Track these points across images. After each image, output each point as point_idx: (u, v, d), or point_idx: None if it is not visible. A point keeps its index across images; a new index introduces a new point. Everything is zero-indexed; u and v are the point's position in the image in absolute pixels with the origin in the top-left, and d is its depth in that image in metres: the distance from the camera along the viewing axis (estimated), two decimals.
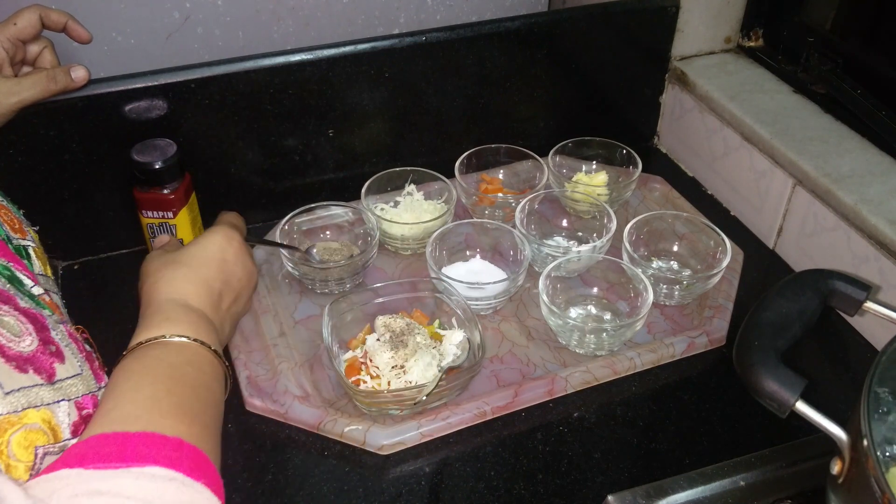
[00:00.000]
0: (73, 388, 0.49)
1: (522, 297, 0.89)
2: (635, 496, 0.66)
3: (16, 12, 0.79)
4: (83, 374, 0.51)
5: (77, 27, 0.81)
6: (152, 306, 0.63)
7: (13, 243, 0.58)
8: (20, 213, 0.64)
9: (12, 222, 0.61)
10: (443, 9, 1.13)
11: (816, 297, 0.65)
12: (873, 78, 0.93)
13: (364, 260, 0.90)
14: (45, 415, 0.46)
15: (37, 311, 0.51)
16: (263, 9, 1.06)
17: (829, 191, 0.86)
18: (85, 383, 0.51)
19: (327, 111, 0.96)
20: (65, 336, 0.52)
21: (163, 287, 0.65)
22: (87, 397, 0.50)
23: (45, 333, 0.50)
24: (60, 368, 0.49)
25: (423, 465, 0.72)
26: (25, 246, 0.60)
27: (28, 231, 0.63)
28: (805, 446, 0.70)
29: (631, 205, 1.02)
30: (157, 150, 0.85)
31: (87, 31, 0.82)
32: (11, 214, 0.62)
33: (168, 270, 0.67)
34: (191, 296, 0.65)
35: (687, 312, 0.88)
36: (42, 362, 0.48)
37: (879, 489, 0.49)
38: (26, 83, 0.76)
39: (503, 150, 1.03)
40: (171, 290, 0.64)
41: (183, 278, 0.66)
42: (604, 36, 1.05)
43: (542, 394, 0.77)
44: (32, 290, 0.54)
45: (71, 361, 0.51)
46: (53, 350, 0.49)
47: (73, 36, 0.81)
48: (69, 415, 0.48)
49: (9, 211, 0.62)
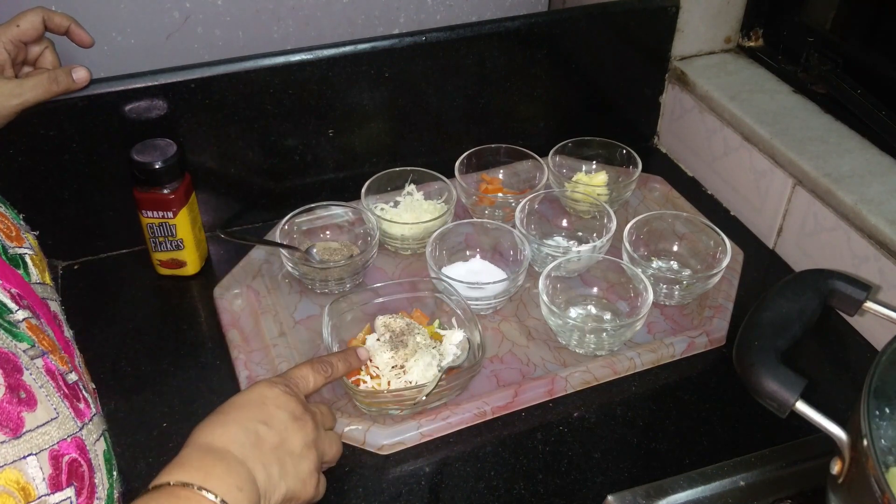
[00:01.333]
0: (43, 437, 0.46)
1: (522, 297, 0.89)
2: (635, 496, 0.66)
3: (19, 14, 0.79)
4: (59, 418, 0.47)
5: (80, 31, 0.81)
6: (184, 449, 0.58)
7: (8, 254, 0.56)
8: (20, 219, 0.62)
9: (9, 230, 0.59)
10: (443, 9, 1.13)
11: (816, 297, 0.65)
12: (873, 78, 0.93)
13: (364, 260, 0.90)
14: (11, 475, 0.43)
15: (9, 351, 0.47)
16: (263, 9, 1.06)
17: (829, 191, 0.86)
18: (61, 427, 0.47)
19: (327, 111, 0.96)
20: (41, 374, 0.48)
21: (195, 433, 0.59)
22: (64, 443, 0.47)
23: (15, 377, 0.46)
24: (30, 417, 0.45)
25: (423, 465, 0.72)
26: (22, 254, 0.58)
27: (26, 238, 0.60)
28: (805, 446, 0.70)
29: (631, 205, 1.02)
30: (157, 150, 0.85)
31: (89, 36, 0.81)
32: (9, 221, 0.60)
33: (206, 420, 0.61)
34: (218, 437, 0.59)
35: (687, 312, 0.88)
36: (8, 413, 0.44)
37: (879, 489, 0.49)
38: (28, 84, 0.76)
39: (503, 150, 1.03)
40: (201, 435, 0.59)
41: (217, 423, 0.60)
42: (604, 36, 1.05)
43: (542, 394, 0.77)
44: (15, 316, 0.50)
45: (45, 405, 0.47)
46: (23, 397, 0.45)
47: (76, 40, 0.81)
48: (41, 468, 0.44)
49: (6, 218, 0.60)
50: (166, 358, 0.83)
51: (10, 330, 0.49)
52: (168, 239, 0.88)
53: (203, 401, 0.78)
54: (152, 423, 0.75)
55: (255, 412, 0.61)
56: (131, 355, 0.82)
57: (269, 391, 0.63)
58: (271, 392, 0.63)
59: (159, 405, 0.77)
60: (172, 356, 0.83)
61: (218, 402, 0.77)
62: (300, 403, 0.64)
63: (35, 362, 0.48)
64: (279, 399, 0.63)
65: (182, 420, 0.76)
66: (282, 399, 0.63)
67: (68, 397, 0.49)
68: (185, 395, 0.78)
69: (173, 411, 0.77)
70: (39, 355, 0.49)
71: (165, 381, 0.80)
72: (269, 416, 0.61)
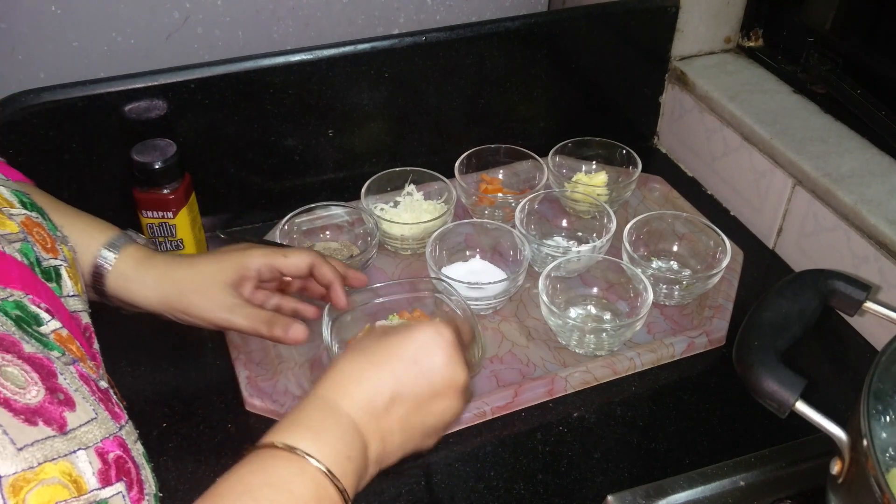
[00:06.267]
0: (88, 434, 0.47)
1: (522, 297, 0.89)
2: (635, 496, 0.66)
3: (296, 248, 0.77)
4: (98, 418, 0.48)
5: (340, 294, 0.75)
6: (308, 398, 0.55)
7: (41, 266, 0.56)
8: (56, 231, 0.62)
9: (45, 241, 0.58)
10: (443, 9, 1.13)
11: (816, 297, 0.65)
12: (873, 78, 0.93)
13: (364, 260, 0.90)
14: (64, 467, 0.44)
15: (43, 356, 0.48)
16: (263, 9, 1.06)
17: (829, 191, 0.86)
18: (102, 427, 0.48)
19: (327, 111, 0.96)
20: (75, 379, 0.49)
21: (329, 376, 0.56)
22: (107, 441, 0.48)
23: (51, 381, 0.47)
24: (71, 416, 0.46)
25: (423, 465, 0.72)
26: (57, 266, 0.58)
27: (61, 249, 0.60)
28: (805, 446, 0.70)
29: (631, 205, 1.02)
30: (157, 150, 0.85)
31: (346, 300, 0.76)
32: (45, 232, 0.59)
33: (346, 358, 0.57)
34: (346, 396, 0.54)
35: (687, 312, 0.88)
36: (51, 412, 0.45)
37: (879, 489, 0.49)
38: (243, 313, 0.71)
39: (503, 150, 1.03)
40: (331, 387, 0.55)
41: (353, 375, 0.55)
42: (604, 36, 1.05)
43: (541, 394, 0.77)
44: (46, 328, 0.51)
45: (83, 407, 0.48)
46: (62, 398, 0.47)
47: (333, 298, 0.75)
48: (91, 463, 0.45)
49: (43, 228, 0.59)
50: (166, 358, 0.83)
51: (41, 339, 0.50)
52: (168, 239, 0.88)
53: (203, 401, 0.78)
54: (152, 423, 0.75)
55: (402, 372, 0.55)
56: (131, 355, 0.82)
57: (437, 350, 0.56)
58: (439, 355, 0.56)
59: (159, 405, 0.77)
60: (172, 356, 0.83)
61: (218, 402, 0.78)
62: (465, 372, 0.57)
63: (68, 368, 0.49)
64: (438, 359, 0.56)
65: (182, 420, 0.76)
66: (440, 360, 0.56)
67: (103, 401, 0.50)
68: (185, 395, 0.78)
69: (173, 411, 0.77)
70: (71, 362, 0.50)
71: (165, 381, 0.80)
72: (414, 383, 0.55)
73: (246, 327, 0.71)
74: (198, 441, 0.74)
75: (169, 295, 0.70)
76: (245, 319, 0.70)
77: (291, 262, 0.73)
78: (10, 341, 0.47)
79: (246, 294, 0.72)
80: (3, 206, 0.57)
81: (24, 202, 0.59)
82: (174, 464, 0.72)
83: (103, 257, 0.70)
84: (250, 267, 0.72)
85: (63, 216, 0.68)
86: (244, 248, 0.74)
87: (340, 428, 0.53)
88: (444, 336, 0.56)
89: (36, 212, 0.60)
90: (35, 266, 0.55)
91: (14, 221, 0.56)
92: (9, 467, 0.41)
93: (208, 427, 0.75)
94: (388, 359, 0.56)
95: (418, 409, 0.56)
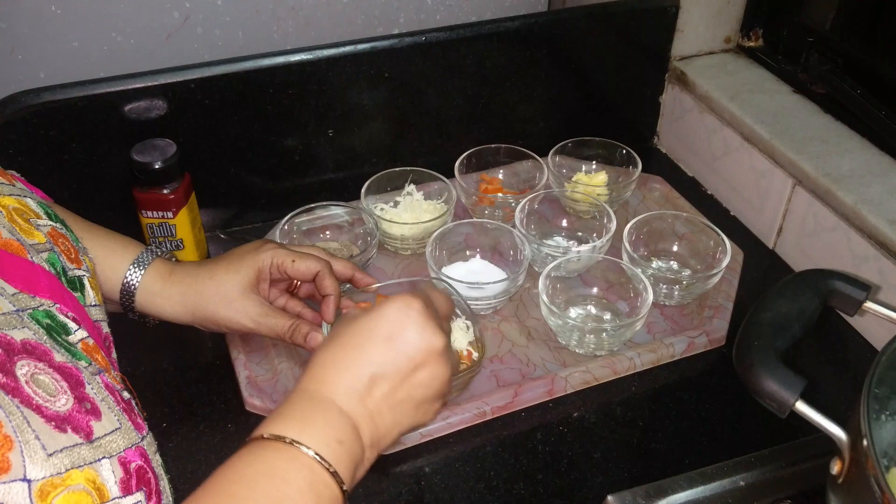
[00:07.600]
0: (112, 444, 0.48)
1: (522, 297, 0.89)
2: (635, 496, 0.66)
3: (306, 252, 0.76)
4: (122, 428, 0.50)
5: (330, 308, 0.76)
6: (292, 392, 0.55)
7: (67, 275, 0.57)
8: (79, 242, 0.63)
9: (69, 252, 0.59)
10: (442, 9, 1.13)
11: (816, 297, 0.65)
12: (873, 78, 0.93)
13: (364, 260, 0.90)
14: (89, 474, 0.45)
15: (72, 365, 0.49)
16: (263, 9, 1.06)
17: (829, 191, 0.86)
18: (125, 437, 0.49)
19: (327, 111, 0.96)
20: (101, 388, 0.50)
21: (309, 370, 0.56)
22: (129, 451, 0.49)
23: (80, 390, 0.48)
24: (97, 426, 0.47)
25: (423, 465, 0.72)
26: (81, 276, 0.59)
27: (84, 260, 0.61)
28: (805, 446, 0.70)
29: (631, 205, 1.02)
30: (157, 150, 0.85)
31: (332, 316, 0.76)
32: (69, 244, 0.60)
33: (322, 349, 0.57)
34: (327, 383, 0.55)
35: (687, 312, 0.88)
36: (79, 421, 0.46)
37: (879, 489, 0.49)
38: (269, 323, 0.73)
39: (503, 150, 1.03)
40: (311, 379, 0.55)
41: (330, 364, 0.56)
42: (604, 36, 1.05)
43: (541, 394, 0.77)
44: (73, 337, 0.52)
45: (108, 417, 0.49)
46: (89, 407, 0.48)
47: (322, 310, 0.76)
48: (114, 472, 0.47)
49: (67, 240, 0.60)
50: (166, 358, 0.83)
51: (70, 349, 0.51)
52: (168, 239, 0.88)
53: (203, 401, 0.78)
54: (152, 423, 0.75)
55: (378, 351, 0.55)
56: (131, 356, 0.82)
57: (402, 318, 0.56)
58: (404, 319, 0.56)
59: (159, 405, 0.77)
60: (172, 356, 0.83)
61: (218, 402, 0.78)
62: (441, 338, 0.56)
63: (95, 378, 0.51)
64: (409, 330, 0.55)
65: (182, 420, 0.76)
66: (412, 330, 0.55)
67: (126, 411, 0.51)
68: (184, 396, 0.78)
69: (173, 411, 0.77)
70: (97, 373, 0.51)
71: (165, 381, 0.80)
72: (392, 359, 0.55)
73: (269, 334, 0.74)
74: (198, 441, 0.74)
75: (195, 309, 0.73)
76: (268, 330, 0.73)
77: (297, 269, 0.75)
78: (43, 350, 0.48)
79: (264, 293, 0.76)
80: (31, 217, 0.58)
81: (49, 213, 0.60)
82: (174, 464, 0.71)
83: (131, 276, 0.73)
84: (263, 268, 0.75)
85: (82, 230, 0.71)
86: (257, 246, 0.76)
87: (327, 414, 0.53)
88: (413, 307, 0.56)
89: (59, 223, 0.61)
90: (61, 276, 0.56)
91: (41, 232, 0.57)
92: (39, 472, 0.42)
93: (208, 427, 0.75)
94: (362, 341, 0.56)
95: (402, 383, 0.55)
